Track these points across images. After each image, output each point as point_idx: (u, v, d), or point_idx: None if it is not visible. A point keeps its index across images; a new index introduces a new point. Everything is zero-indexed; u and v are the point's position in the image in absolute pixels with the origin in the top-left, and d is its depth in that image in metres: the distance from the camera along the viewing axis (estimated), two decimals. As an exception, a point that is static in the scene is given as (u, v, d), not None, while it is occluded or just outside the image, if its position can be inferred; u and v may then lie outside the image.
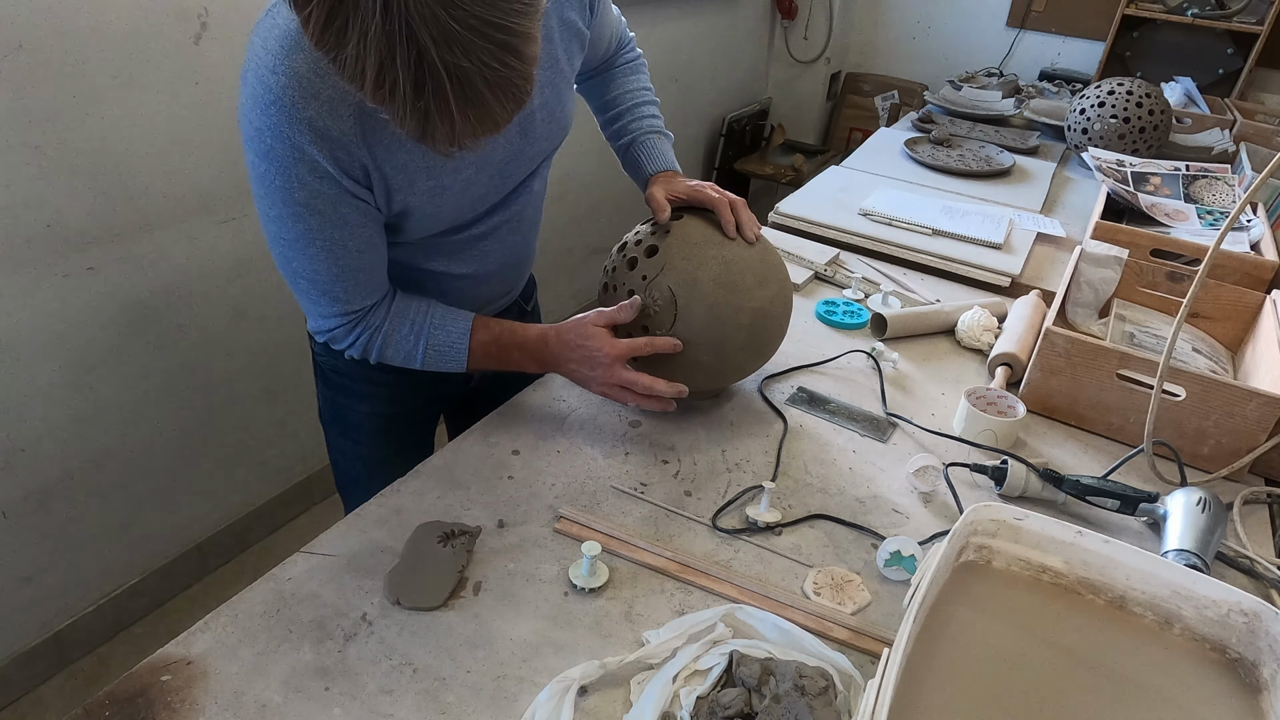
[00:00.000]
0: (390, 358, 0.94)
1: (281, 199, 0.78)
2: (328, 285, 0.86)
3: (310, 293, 0.88)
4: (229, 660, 0.70)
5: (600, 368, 0.92)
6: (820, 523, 0.90)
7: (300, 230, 0.81)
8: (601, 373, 0.92)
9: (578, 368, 0.94)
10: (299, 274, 0.85)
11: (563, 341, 0.94)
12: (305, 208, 0.79)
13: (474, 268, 1.00)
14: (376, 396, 1.10)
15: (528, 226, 1.05)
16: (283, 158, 0.75)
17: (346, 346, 0.93)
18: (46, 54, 1.31)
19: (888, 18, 3.78)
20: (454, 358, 0.94)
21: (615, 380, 0.92)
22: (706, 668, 0.69)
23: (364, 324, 0.91)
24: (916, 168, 2.05)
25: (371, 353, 0.93)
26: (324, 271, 0.85)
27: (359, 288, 0.88)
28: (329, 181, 0.78)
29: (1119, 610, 0.70)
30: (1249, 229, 1.52)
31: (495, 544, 0.84)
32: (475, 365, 0.95)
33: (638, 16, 2.79)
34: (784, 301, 1.02)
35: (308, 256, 0.83)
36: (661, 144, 1.13)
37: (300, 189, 0.78)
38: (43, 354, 1.45)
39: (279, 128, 0.74)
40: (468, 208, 0.92)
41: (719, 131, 3.55)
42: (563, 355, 0.94)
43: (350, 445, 1.15)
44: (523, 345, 0.95)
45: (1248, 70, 2.99)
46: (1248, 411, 0.98)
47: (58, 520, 1.57)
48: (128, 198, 1.48)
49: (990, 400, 1.06)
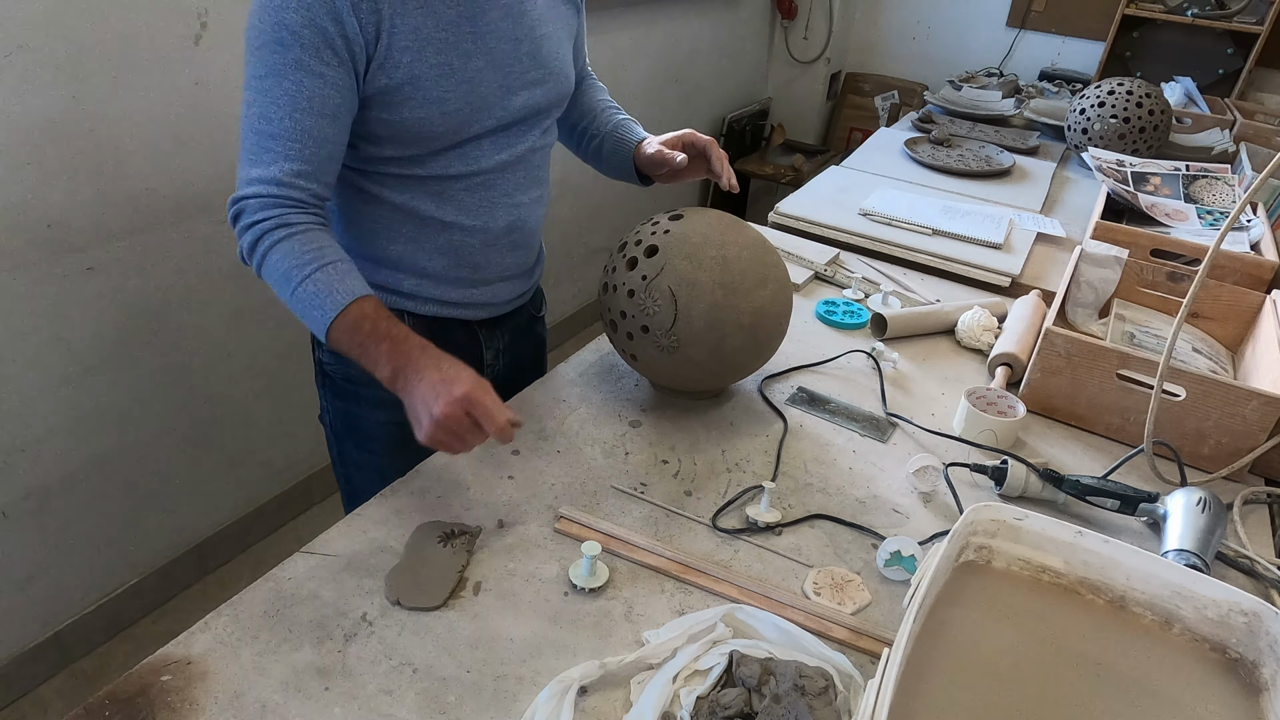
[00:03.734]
0: (271, 265, 0.84)
1: (271, 21, 0.79)
2: (273, 140, 0.82)
3: (253, 148, 0.83)
4: (229, 660, 0.70)
5: (444, 401, 0.78)
6: (820, 523, 0.90)
7: (274, 62, 0.80)
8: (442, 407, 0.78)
9: (425, 392, 0.80)
10: (252, 124, 0.82)
11: (430, 362, 0.82)
12: (291, 34, 0.79)
13: (483, 219, 1.00)
14: (394, 403, 1.00)
15: (534, 187, 1.05)
16: None
17: (245, 225, 0.84)
18: (46, 54, 1.31)
19: (888, 18, 3.78)
20: (326, 307, 0.82)
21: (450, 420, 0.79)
22: (706, 668, 0.69)
23: (281, 208, 0.84)
24: (916, 168, 2.05)
25: (262, 245, 0.83)
26: (277, 120, 0.82)
27: (300, 159, 0.84)
28: (329, 14, 0.79)
29: (1119, 610, 0.70)
30: (1249, 229, 1.52)
31: (495, 544, 0.84)
32: (335, 335, 0.83)
33: (638, 16, 2.78)
34: (784, 301, 1.02)
35: (269, 98, 0.81)
36: (637, 127, 1.18)
37: (296, 9, 0.78)
38: (43, 354, 1.45)
39: None
40: (475, 109, 0.91)
41: (719, 131, 3.54)
42: (421, 372, 0.81)
43: (366, 457, 1.10)
44: (396, 341, 0.83)
45: (1248, 70, 2.99)
46: (1248, 411, 0.98)
47: (58, 520, 1.57)
48: (128, 198, 1.48)
49: (990, 400, 1.06)
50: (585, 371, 1.14)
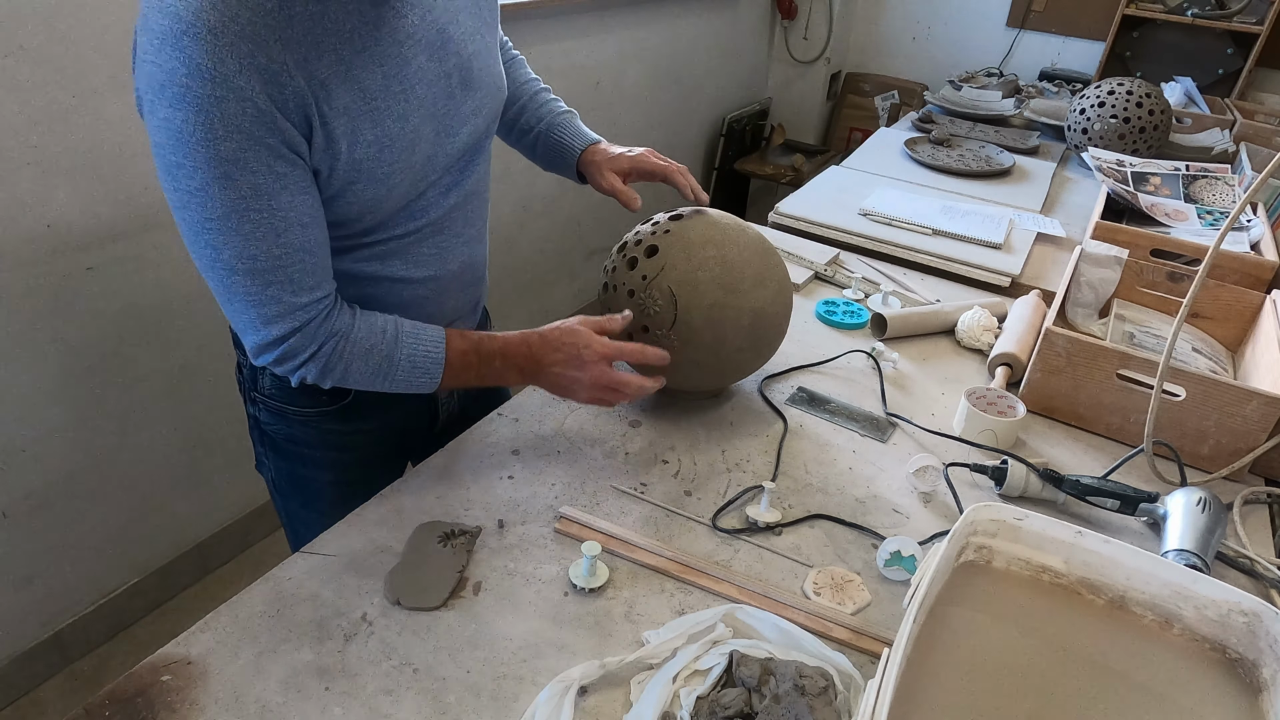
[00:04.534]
0: (357, 374, 0.81)
1: (205, 157, 0.66)
2: (270, 274, 0.73)
3: (248, 291, 0.73)
4: (229, 660, 0.70)
5: (588, 366, 0.86)
6: (820, 523, 0.90)
7: (230, 199, 0.68)
8: (589, 372, 0.86)
9: (563, 369, 0.86)
10: (232, 266, 0.71)
11: (547, 342, 0.86)
12: (234, 164, 0.67)
13: (434, 269, 0.91)
14: (341, 464, 1.01)
15: (478, 219, 0.97)
16: (201, 98, 0.64)
17: (305, 360, 0.78)
18: (46, 54, 1.31)
19: (888, 18, 3.78)
20: (429, 370, 0.83)
21: (603, 380, 0.86)
22: (706, 668, 0.69)
23: (326, 327, 0.78)
24: (916, 168, 2.05)
25: (335, 367, 0.80)
26: (264, 254, 0.71)
27: (306, 274, 0.75)
28: (261, 122, 0.66)
29: (1119, 610, 0.70)
30: (1249, 229, 1.52)
31: (495, 544, 0.84)
32: (450, 380, 0.85)
33: (638, 16, 2.78)
34: (784, 301, 1.02)
35: (242, 235, 0.70)
36: (575, 121, 1.10)
37: (227, 136, 0.65)
38: (43, 354, 1.45)
39: (195, 59, 0.63)
40: (418, 173, 0.82)
41: (719, 131, 3.55)
42: (546, 356, 0.86)
43: (315, 518, 1.00)
44: (504, 351, 0.86)
45: (1248, 70, 2.99)
46: (1248, 411, 0.98)
47: (58, 520, 1.57)
48: (128, 198, 1.48)
49: (990, 400, 1.06)
50: (585, 371, 1.14)
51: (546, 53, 2.41)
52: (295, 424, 0.97)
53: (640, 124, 3.03)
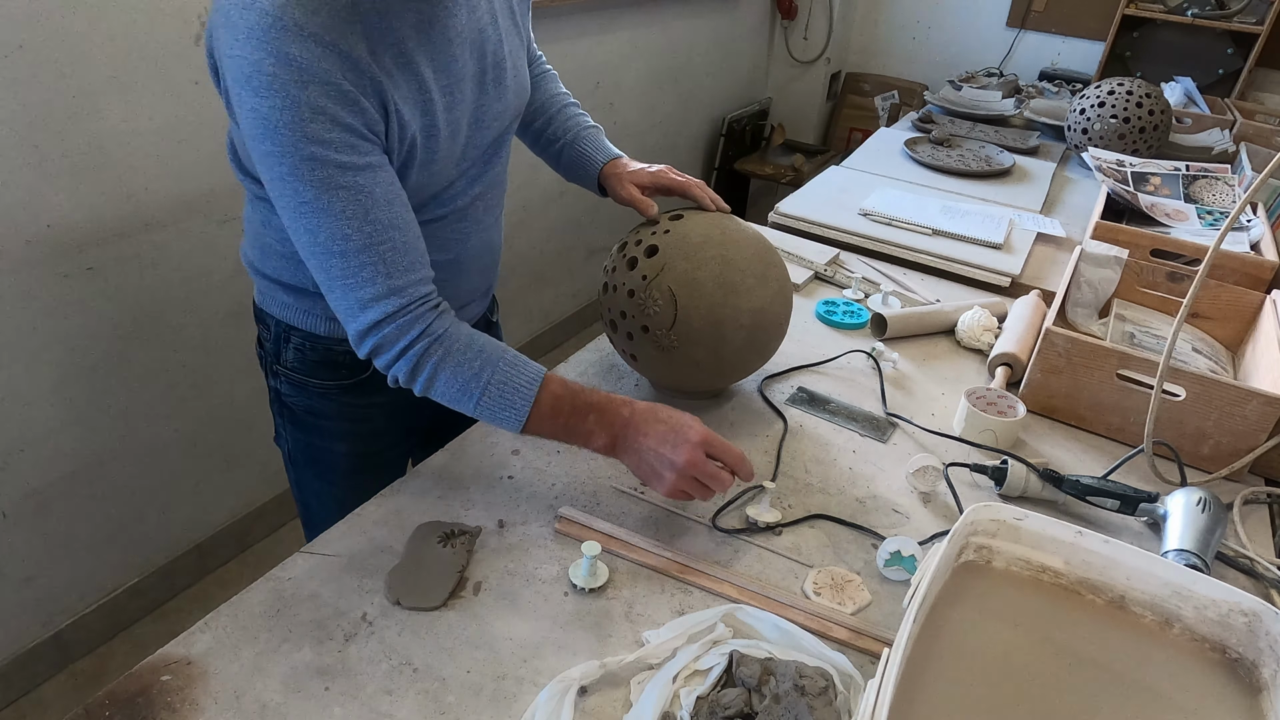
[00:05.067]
0: (444, 383, 0.80)
1: (292, 140, 0.70)
2: (362, 254, 0.75)
3: (344, 273, 0.76)
4: (229, 660, 0.70)
5: (684, 448, 0.80)
6: (820, 523, 0.90)
7: (319, 179, 0.72)
8: (684, 455, 0.80)
9: (657, 445, 0.81)
10: (328, 248, 0.75)
11: (650, 411, 0.83)
12: (320, 145, 0.70)
13: (455, 252, 0.95)
14: (355, 435, 1.04)
15: (497, 206, 1.02)
16: (287, 85, 0.68)
17: (397, 355, 0.79)
18: (46, 54, 1.31)
19: (888, 18, 3.78)
20: (516, 403, 0.80)
21: (696, 468, 0.80)
22: (706, 668, 0.69)
23: (420, 322, 0.78)
24: (916, 168, 2.05)
25: (424, 370, 0.80)
26: (355, 233, 0.74)
27: (398, 254, 0.77)
28: (345, 104, 0.70)
29: (1119, 610, 0.70)
30: (1249, 229, 1.52)
31: (495, 544, 0.84)
32: (537, 422, 0.81)
33: (638, 17, 2.78)
34: (784, 301, 1.02)
35: (332, 215, 0.73)
36: (599, 136, 1.13)
37: (312, 119, 0.69)
38: (43, 354, 1.45)
39: (281, 49, 0.67)
40: (453, 163, 0.88)
41: (719, 131, 3.55)
42: (645, 425, 0.82)
43: (326, 488, 1.07)
44: (601, 407, 0.82)
45: (1248, 70, 2.99)
46: (1248, 411, 0.98)
47: (58, 520, 1.57)
48: (128, 198, 1.48)
49: (990, 400, 1.06)
50: (585, 371, 1.14)
51: (547, 53, 2.39)
52: (315, 396, 1.00)
53: (640, 124, 3.02)
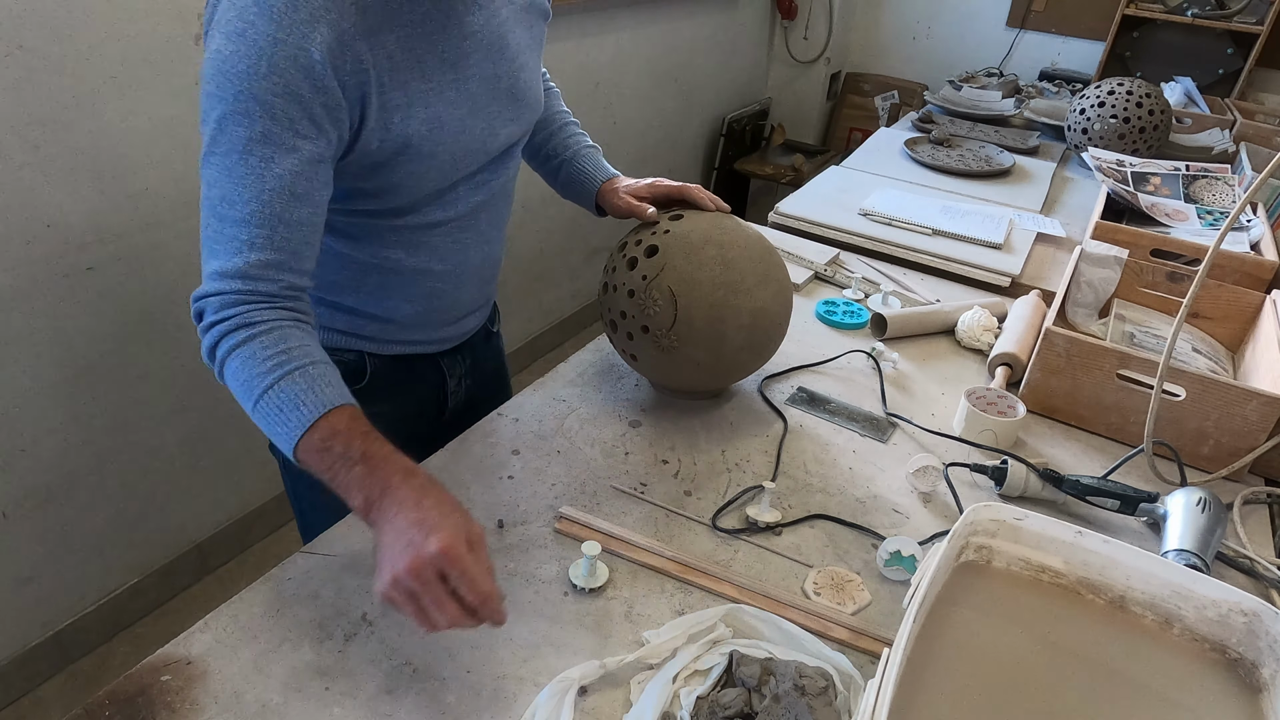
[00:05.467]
0: (231, 372, 0.72)
1: (235, 90, 0.67)
2: (235, 225, 0.70)
3: (215, 234, 0.72)
4: (229, 660, 0.70)
5: (410, 553, 0.62)
6: (820, 523, 0.90)
7: (240, 136, 0.68)
8: (406, 559, 0.62)
9: (393, 537, 0.64)
10: (214, 207, 0.71)
11: (414, 494, 0.66)
12: (260, 104, 0.67)
13: (455, 261, 0.95)
14: None
15: (501, 219, 1.02)
16: (259, 38, 0.66)
17: (205, 326, 0.72)
18: (46, 54, 1.31)
19: (888, 18, 3.78)
20: (292, 422, 0.69)
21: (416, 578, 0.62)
22: (706, 668, 0.69)
23: (243, 310, 0.71)
24: (916, 168, 2.05)
25: (221, 348, 0.72)
26: (240, 202, 0.70)
27: (268, 247, 0.71)
28: (309, 76, 0.68)
29: (1119, 610, 0.70)
30: (1249, 229, 1.52)
31: (495, 544, 0.84)
32: (305, 453, 0.70)
33: (638, 17, 2.78)
34: (784, 301, 1.02)
35: (233, 177, 0.69)
36: (598, 156, 1.14)
37: (265, 77, 0.67)
38: (43, 354, 1.45)
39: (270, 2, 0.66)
40: (458, 161, 0.86)
41: (719, 131, 3.55)
42: (398, 507, 0.66)
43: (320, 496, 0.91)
44: (374, 464, 0.68)
45: (1248, 70, 2.99)
46: (1248, 411, 0.98)
47: (58, 520, 1.57)
48: (128, 198, 1.48)
49: (990, 400, 1.06)
50: (585, 371, 1.14)
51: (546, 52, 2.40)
52: None
53: (640, 124, 3.03)
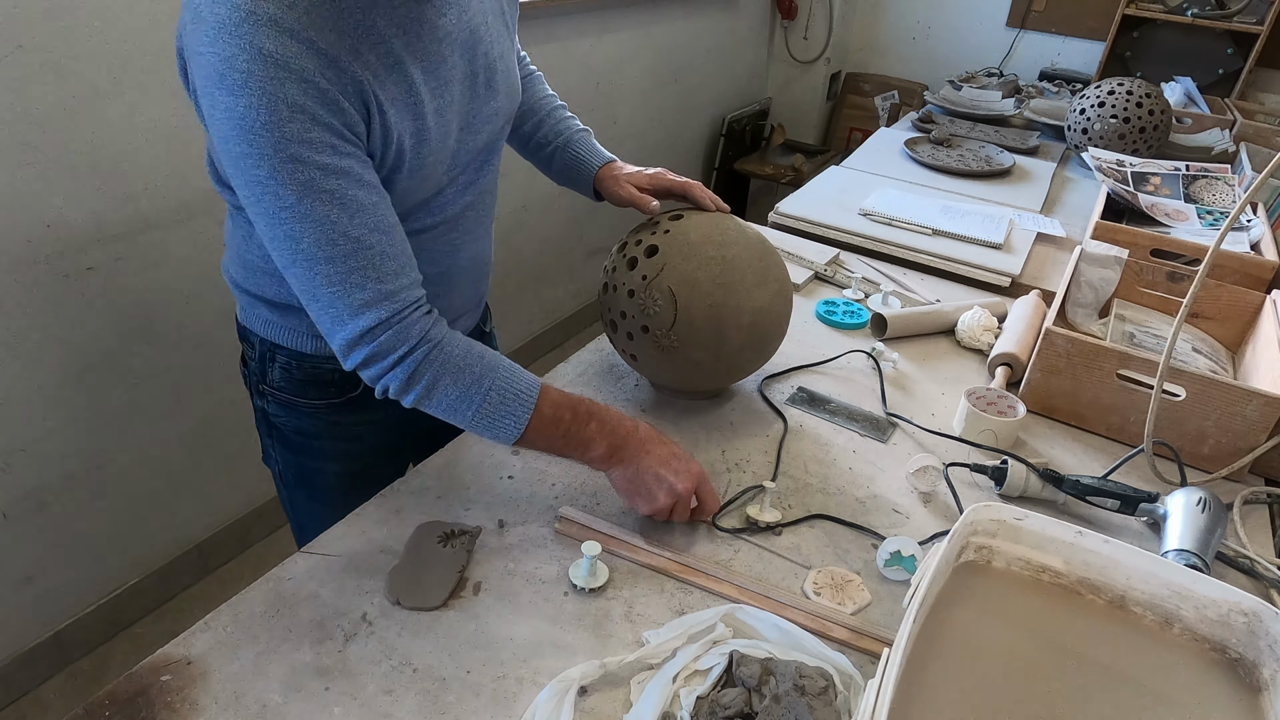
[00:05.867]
0: (443, 392, 0.77)
1: (270, 141, 0.65)
2: (351, 256, 0.71)
3: (331, 281, 0.71)
4: (229, 660, 0.70)
5: (686, 476, 0.83)
6: (820, 523, 0.90)
7: (301, 181, 0.67)
8: (685, 482, 0.83)
9: (660, 466, 0.83)
10: (313, 255, 0.70)
11: (657, 436, 0.85)
12: (300, 144, 0.66)
13: (445, 264, 0.93)
14: (347, 454, 1.02)
15: (488, 217, 1.00)
16: (263, 81, 0.64)
17: (394, 362, 0.75)
18: (46, 54, 1.31)
19: (888, 18, 3.78)
20: (516, 410, 0.78)
21: (689, 496, 0.83)
22: (706, 668, 0.69)
23: (420, 327, 0.75)
24: (916, 168, 2.05)
25: (423, 377, 0.76)
26: (341, 235, 0.70)
27: (389, 259, 0.74)
28: (324, 102, 0.67)
29: (1119, 610, 0.70)
30: (1249, 229, 1.52)
31: (495, 544, 0.84)
32: (536, 431, 0.79)
33: (638, 17, 2.78)
34: (784, 301, 1.02)
35: (315, 219, 0.69)
36: (591, 140, 1.13)
37: (291, 118, 0.65)
38: (43, 354, 1.45)
39: (255, 44, 0.63)
40: (443, 168, 0.85)
41: (719, 131, 3.55)
42: (650, 446, 0.84)
43: (320, 509, 1.01)
44: (602, 416, 0.82)
45: (1248, 70, 2.99)
46: (1248, 411, 0.98)
47: (58, 520, 1.57)
48: (128, 198, 1.48)
49: (990, 400, 1.06)
50: (585, 371, 1.14)
51: (546, 52, 2.41)
52: (304, 416, 0.98)
53: (640, 124, 3.02)
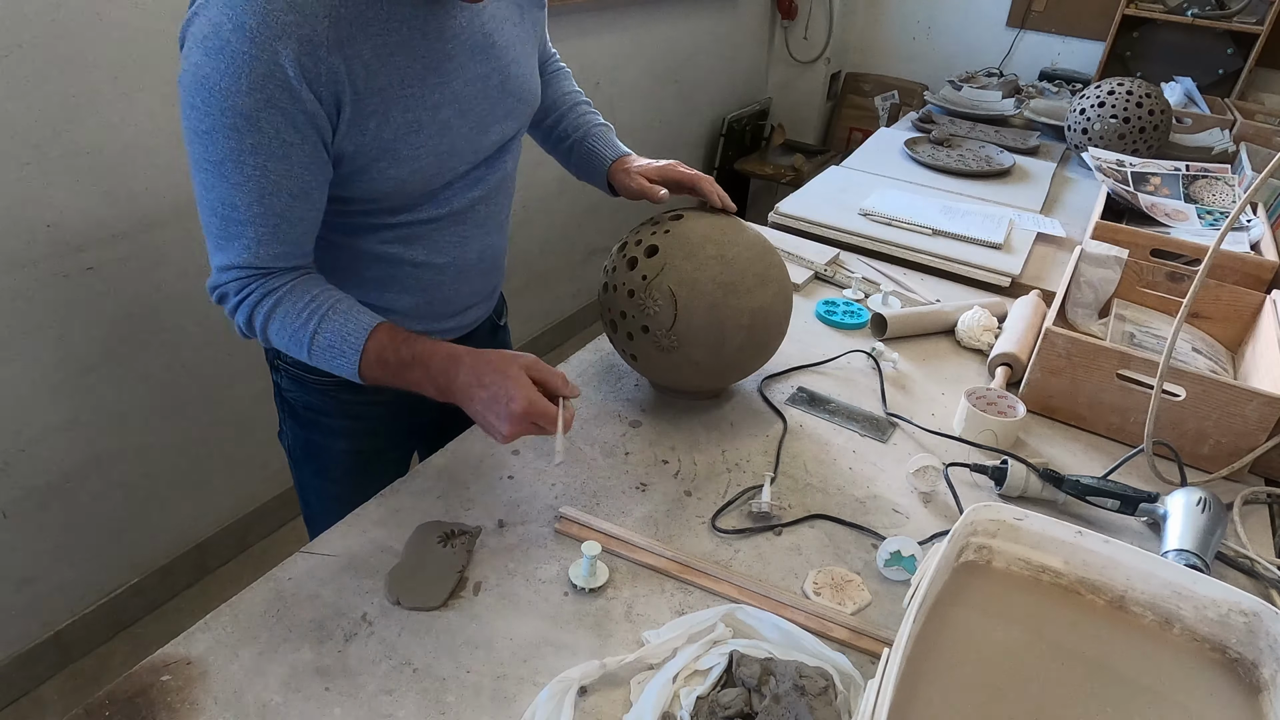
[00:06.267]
0: (275, 335, 0.82)
1: (221, 106, 0.69)
2: (241, 225, 0.76)
3: (220, 233, 0.77)
4: (229, 660, 0.70)
5: (506, 420, 0.78)
6: (820, 523, 0.90)
7: (230, 148, 0.72)
8: (507, 426, 0.78)
9: (484, 410, 0.79)
10: (213, 208, 0.76)
11: (475, 371, 0.80)
12: (246, 119, 0.70)
13: (454, 255, 0.96)
14: (355, 433, 1.04)
15: (502, 212, 1.02)
16: (237, 54, 0.68)
17: (234, 306, 0.82)
18: (46, 54, 1.31)
19: (888, 18, 3.78)
20: (345, 354, 0.81)
21: (522, 425, 0.79)
22: (706, 668, 0.69)
23: (262, 284, 0.81)
24: (916, 168, 2.05)
25: (256, 322, 0.81)
26: (243, 207, 0.75)
27: (276, 242, 0.78)
28: (284, 90, 0.70)
29: (1119, 610, 0.70)
30: (1249, 229, 1.52)
31: (495, 544, 0.84)
32: (368, 373, 0.82)
33: (638, 17, 2.78)
34: (784, 301, 1.02)
35: (231, 184, 0.74)
36: (609, 134, 1.14)
37: (248, 92, 0.69)
38: (43, 354, 1.45)
39: (241, 19, 0.68)
40: (445, 161, 0.86)
41: (719, 131, 3.55)
42: (468, 388, 0.80)
43: (325, 485, 1.08)
44: (425, 360, 0.82)
45: (1248, 70, 2.99)
46: (1248, 411, 0.98)
47: (58, 520, 1.57)
48: (128, 198, 1.48)
49: (990, 400, 1.06)
50: (585, 371, 1.14)
51: (546, 53, 2.41)
52: (313, 392, 1.01)
53: (640, 124, 3.03)
